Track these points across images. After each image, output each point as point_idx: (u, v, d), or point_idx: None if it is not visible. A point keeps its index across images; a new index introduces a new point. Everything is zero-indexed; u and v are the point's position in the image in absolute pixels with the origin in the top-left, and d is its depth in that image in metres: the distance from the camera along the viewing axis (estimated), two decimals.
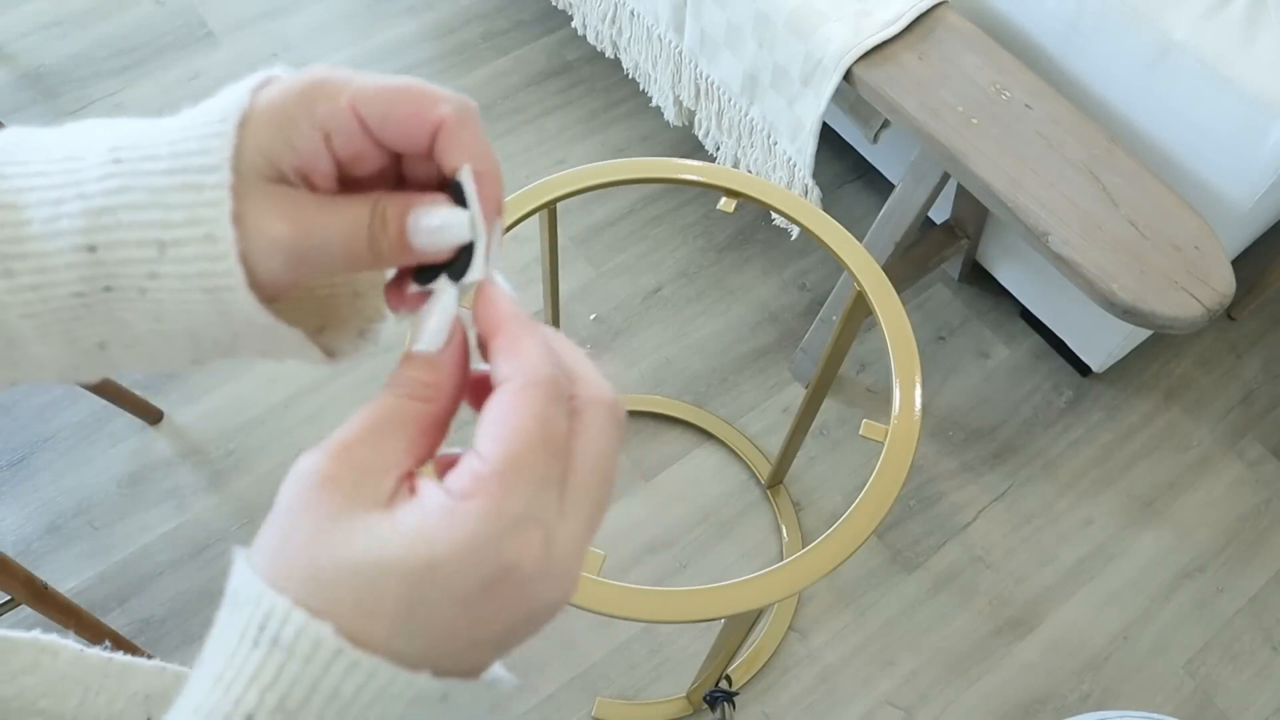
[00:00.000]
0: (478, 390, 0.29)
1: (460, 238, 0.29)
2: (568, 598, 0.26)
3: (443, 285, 0.29)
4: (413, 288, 0.30)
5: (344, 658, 0.23)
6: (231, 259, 0.27)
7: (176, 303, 0.28)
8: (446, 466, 0.27)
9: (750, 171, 1.45)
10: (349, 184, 0.30)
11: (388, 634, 0.24)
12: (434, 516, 0.24)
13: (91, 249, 0.27)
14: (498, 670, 0.28)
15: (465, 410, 0.30)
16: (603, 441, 0.27)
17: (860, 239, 1.01)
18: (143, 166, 0.27)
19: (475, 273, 0.29)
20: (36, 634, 0.43)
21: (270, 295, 0.29)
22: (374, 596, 0.24)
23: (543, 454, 0.25)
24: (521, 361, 0.26)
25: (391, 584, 0.24)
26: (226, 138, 0.27)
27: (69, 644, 0.44)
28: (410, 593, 0.24)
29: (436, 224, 0.28)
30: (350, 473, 0.25)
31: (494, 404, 0.26)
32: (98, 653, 0.47)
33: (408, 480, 0.26)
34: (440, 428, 0.28)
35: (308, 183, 0.29)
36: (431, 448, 0.27)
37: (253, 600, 0.24)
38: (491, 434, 0.25)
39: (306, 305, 0.34)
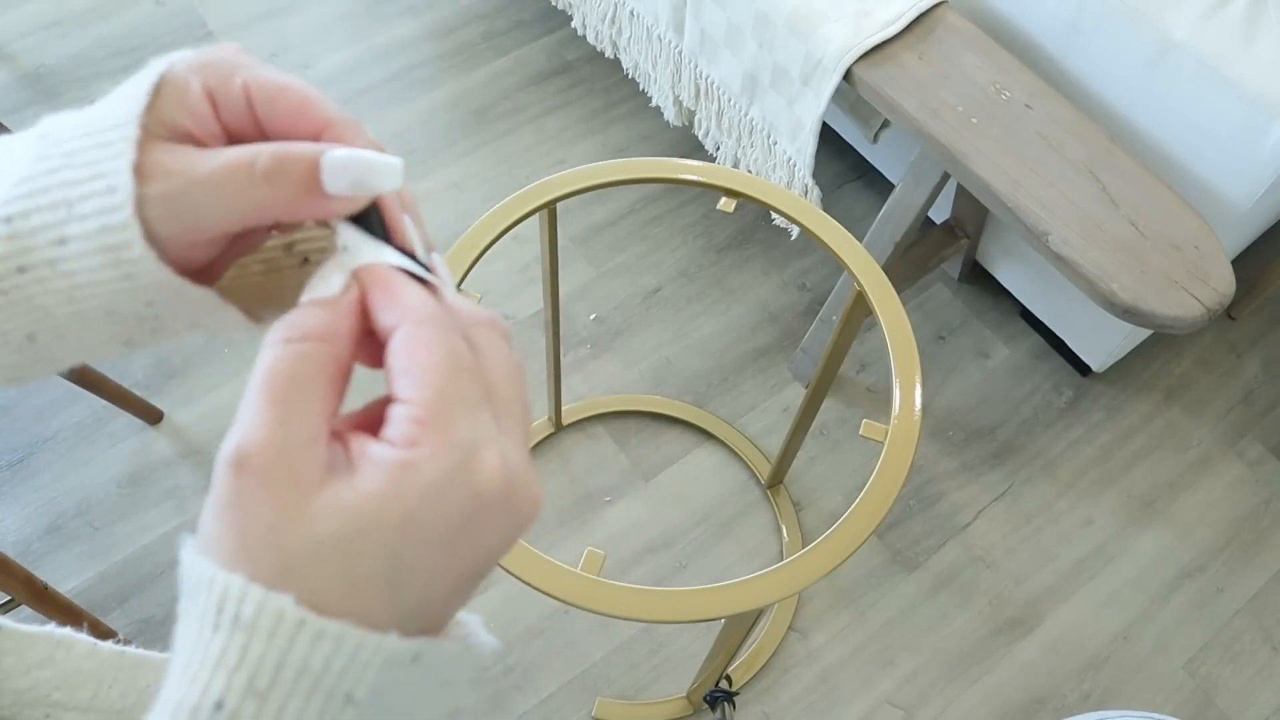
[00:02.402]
0: (370, 349, 0.28)
1: (390, 182, 0.28)
2: (535, 510, 0.26)
3: (356, 243, 0.28)
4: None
5: (308, 628, 0.22)
6: (127, 210, 0.26)
7: (86, 272, 0.27)
8: (362, 424, 0.27)
9: (750, 171, 1.45)
10: None
11: (377, 597, 0.23)
12: (393, 470, 0.24)
13: (8, 220, 0.27)
14: (478, 633, 0.27)
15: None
16: (503, 356, 0.27)
17: (860, 239, 1.01)
18: (63, 134, 0.28)
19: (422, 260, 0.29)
20: (51, 628, 0.44)
21: (182, 263, 0.28)
22: (360, 565, 0.23)
23: (463, 380, 0.25)
24: (404, 305, 0.26)
25: (373, 548, 0.23)
26: (140, 98, 0.28)
27: (83, 638, 0.45)
28: (394, 551, 0.23)
29: (367, 160, 0.27)
30: (283, 456, 0.24)
31: (396, 350, 0.26)
32: (110, 647, 0.47)
33: (337, 439, 0.25)
34: (344, 374, 0.26)
35: (195, 142, 0.29)
36: (339, 396, 0.26)
37: (206, 583, 0.23)
38: (409, 378, 0.25)
39: (250, 286, 0.34)
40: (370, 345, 0.27)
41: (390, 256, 0.28)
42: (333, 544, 0.23)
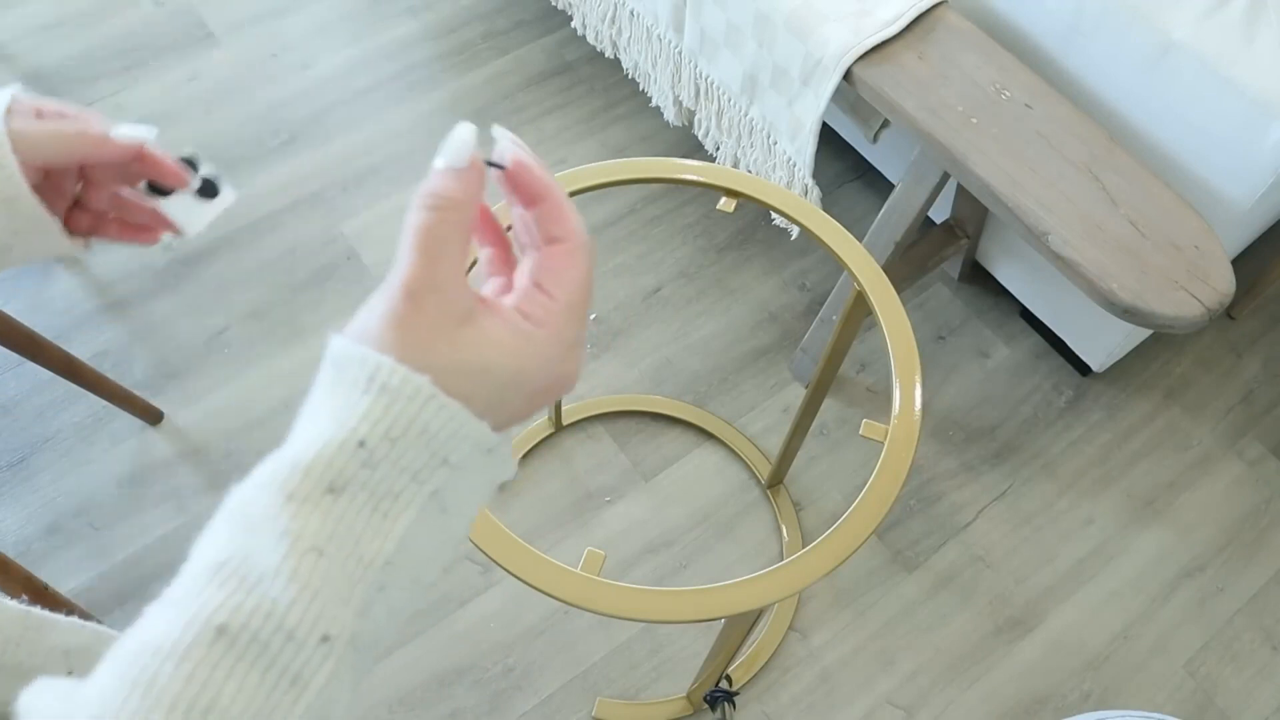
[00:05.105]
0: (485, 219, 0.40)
1: (139, 137, 0.49)
2: (577, 371, 0.36)
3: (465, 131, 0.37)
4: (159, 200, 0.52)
5: (436, 400, 0.31)
6: (16, 176, 0.45)
7: None
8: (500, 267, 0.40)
9: (750, 171, 1.45)
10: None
11: (482, 407, 0.32)
12: (520, 337, 0.33)
13: None
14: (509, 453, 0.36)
15: None
16: (591, 273, 0.37)
17: (860, 239, 1.01)
18: None
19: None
20: None
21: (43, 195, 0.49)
22: (478, 385, 0.32)
23: (585, 297, 0.35)
24: (568, 227, 0.36)
25: (489, 381, 0.33)
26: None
27: None
28: (501, 389, 0.33)
29: (127, 130, 0.49)
30: (436, 292, 0.32)
31: (557, 256, 0.35)
32: (16, 606, 0.49)
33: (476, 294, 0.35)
34: (469, 235, 0.34)
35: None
36: (467, 251, 0.34)
37: (358, 360, 0.31)
38: (556, 280, 0.35)
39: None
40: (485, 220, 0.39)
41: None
42: (466, 366, 0.32)
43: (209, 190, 0.52)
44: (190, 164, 0.52)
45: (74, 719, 0.26)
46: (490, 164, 0.36)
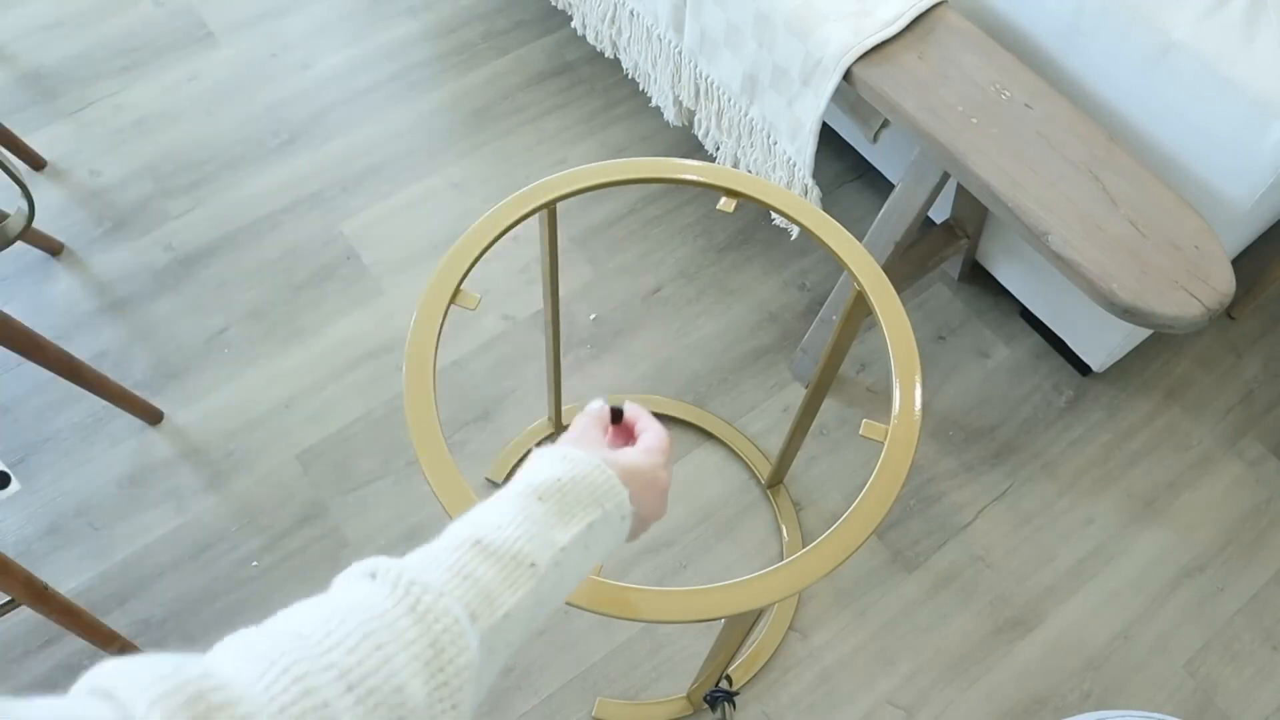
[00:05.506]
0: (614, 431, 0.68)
1: None
2: (665, 502, 0.63)
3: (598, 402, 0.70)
4: None
5: (600, 467, 0.54)
6: None
7: None
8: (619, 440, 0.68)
9: (750, 171, 1.45)
10: None
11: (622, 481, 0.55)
12: (639, 455, 0.60)
13: None
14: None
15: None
16: (669, 445, 0.66)
17: (860, 239, 1.01)
18: None
19: None
20: None
21: None
22: (620, 470, 0.55)
23: (669, 450, 0.64)
24: (653, 425, 0.65)
25: (623, 470, 0.56)
26: None
27: None
28: (630, 474, 0.56)
29: None
30: (591, 437, 0.62)
31: (650, 432, 0.64)
32: None
33: (614, 443, 0.66)
34: (605, 429, 0.65)
35: None
36: (605, 432, 0.65)
37: (552, 452, 0.54)
38: (653, 441, 0.63)
39: None
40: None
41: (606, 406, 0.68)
42: (611, 459, 0.56)
43: (3, 482, 0.67)
44: None
45: (395, 562, 0.43)
46: (614, 408, 0.67)
